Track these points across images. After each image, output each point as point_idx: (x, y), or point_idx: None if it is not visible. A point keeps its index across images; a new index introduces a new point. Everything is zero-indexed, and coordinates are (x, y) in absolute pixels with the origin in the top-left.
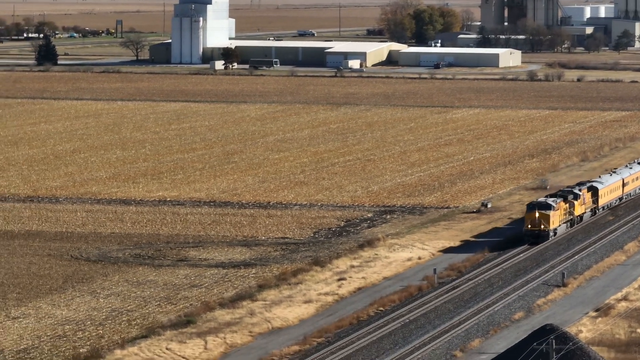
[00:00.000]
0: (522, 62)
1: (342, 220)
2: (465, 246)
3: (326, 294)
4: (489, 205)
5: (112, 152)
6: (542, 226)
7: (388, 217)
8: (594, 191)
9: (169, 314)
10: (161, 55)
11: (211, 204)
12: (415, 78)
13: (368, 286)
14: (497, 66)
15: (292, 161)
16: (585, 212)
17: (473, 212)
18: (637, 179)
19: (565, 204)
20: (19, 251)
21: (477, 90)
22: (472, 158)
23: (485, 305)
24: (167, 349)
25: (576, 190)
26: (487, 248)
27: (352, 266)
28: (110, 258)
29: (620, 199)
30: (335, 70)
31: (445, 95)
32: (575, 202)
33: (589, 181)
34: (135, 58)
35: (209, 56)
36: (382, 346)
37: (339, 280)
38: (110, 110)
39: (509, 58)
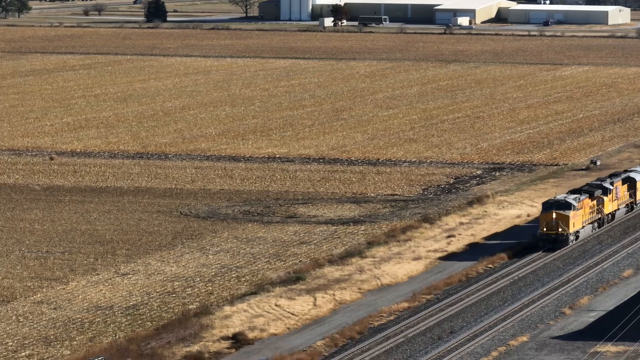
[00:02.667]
0: (631, 20)
1: (451, 177)
2: None
3: (435, 250)
4: (598, 163)
5: (221, 108)
6: (560, 229)
7: (497, 174)
8: (632, 183)
9: (278, 271)
10: (270, 12)
11: (320, 160)
12: (524, 35)
13: (477, 243)
14: (606, 23)
15: (401, 118)
16: (618, 209)
17: (582, 169)
18: None
19: (592, 200)
20: (128, 208)
21: (586, 48)
22: (581, 115)
23: (594, 262)
24: (276, 305)
25: (607, 184)
26: None
27: (461, 223)
28: (219, 215)
29: None
30: (444, 27)
31: (554, 53)
32: (605, 198)
33: (627, 171)
34: (244, 15)
35: (318, 13)
36: (490, 303)
37: (448, 237)
38: (220, 67)
39: (618, 15)
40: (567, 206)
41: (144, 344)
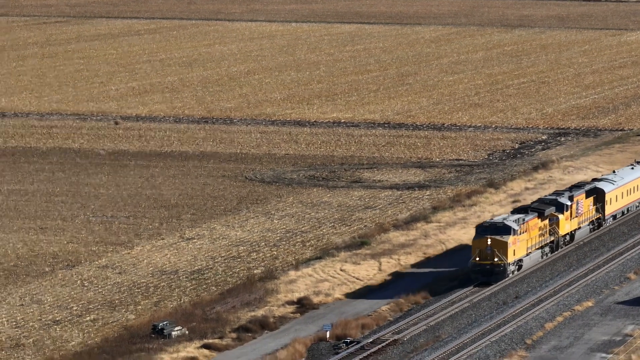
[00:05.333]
0: None
1: (517, 142)
2: None
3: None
4: None
5: (286, 73)
6: (496, 258)
7: (562, 139)
8: (599, 195)
9: (343, 236)
10: None
11: (385, 125)
12: (589, 0)
13: None
14: None
15: (467, 83)
16: (579, 228)
17: None
18: None
19: (542, 220)
20: (194, 172)
21: None
22: None
23: None
24: (341, 270)
25: (563, 199)
26: None
27: (526, 188)
28: (284, 179)
29: None
30: None
31: (619, 18)
32: (560, 216)
33: (595, 180)
34: None
35: None
36: (556, 268)
37: (513, 202)
38: (285, 32)
39: None
40: (506, 230)
41: (209, 308)
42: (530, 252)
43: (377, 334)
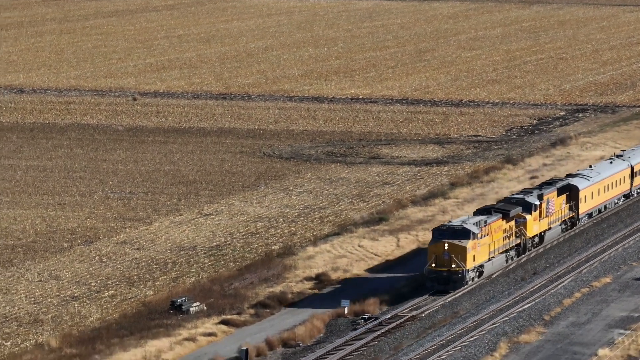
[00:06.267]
0: None
1: (534, 119)
2: None
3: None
4: None
5: (304, 49)
6: (454, 264)
7: (580, 115)
8: (572, 192)
9: (361, 212)
10: None
11: (403, 101)
12: None
13: None
14: None
15: (485, 59)
16: (549, 229)
17: None
18: None
19: (507, 221)
20: (212, 148)
21: None
22: None
23: None
24: (359, 245)
25: (531, 198)
26: None
27: (544, 164)
28: (302, 155)
29: (628, 195)
30: None
31: None
32: (528, 217)
33: (569, 175)
34: None
35: None
36: (574, 245)
37: (531, 178)
38: (303, 8)
39: None
40: (464, 234)
41: (227, 284)
42: (493, 257)
43: (395, 310)
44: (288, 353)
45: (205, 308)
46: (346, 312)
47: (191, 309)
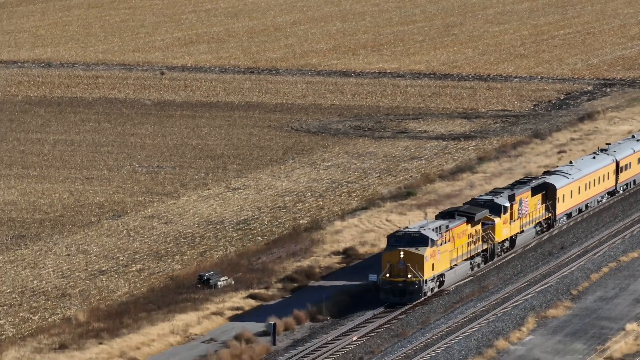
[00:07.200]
0: None
1: (562, 93)
2: None
3: (546, 166)
4: None
5: (332, 24)
6: (410, 275)
7: (608, 90)
8: (549, 191)
9: (388, 186)
10: None
11: (431, 76)
12: None
13: None
14: None
15: (512, 34)
16: (522, 232)
17: None
18: None
19: (473, 225)
20: (239, 122)
21: None
22: None
23: None
24: (387, 220)
25: (501, 199)
26: None
27: (572, 139)
28: (330, 130)
29: (613, 193)
30: None
31: None
32: (497, 220)
33: (547, 172)
34: None
35: None
36: (601, 219)
37: (559, 152)
38: None
39: None
40: (422, 241)
41: (255, 258)
42: (455, 265)
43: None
44: (316, 327)
45: (232, 282)
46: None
47: (219, 283)
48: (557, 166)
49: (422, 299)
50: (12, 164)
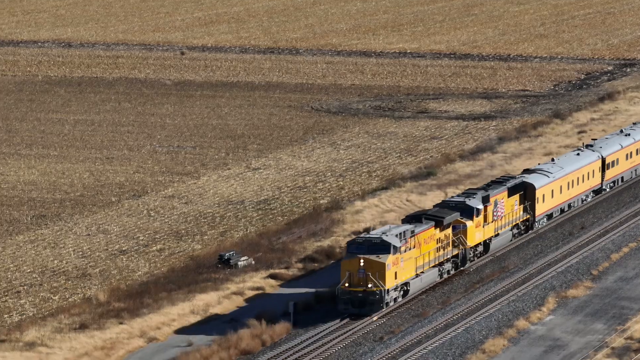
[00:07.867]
0: None
1: (582, 73)
2: None
3: (566, 146)
4: None
5: (352, 3)
6: (370, 284)
7: (628, 70)
8: (528, 191)
9: (409, 166)
10: None
11: (451, 56)
12: None
13: None
14: None
15: (532, 14)
16: (497, 235)
17: None
18: (632, 153)
19: (442, 230)
20: (260, 102)
21: None
22: None
23: None
24: (407, 200)
25: (473, 200)
26: None
27: (592, 119)
28: (350, 110)
29: (599, 191)
30: None
31: None
32: (469, 223)
33: (526, 171)
34: None
35: None
36: (621, 199)
37: (579, 132)
38: None
39: None
40: (384, 248)
41: (275, 238)
42: (422, 272)
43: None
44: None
45: (253, 262)
46: None
47: (239, 263)
48: (539, 164)
49: (384, 310)
50: (32, 144)
